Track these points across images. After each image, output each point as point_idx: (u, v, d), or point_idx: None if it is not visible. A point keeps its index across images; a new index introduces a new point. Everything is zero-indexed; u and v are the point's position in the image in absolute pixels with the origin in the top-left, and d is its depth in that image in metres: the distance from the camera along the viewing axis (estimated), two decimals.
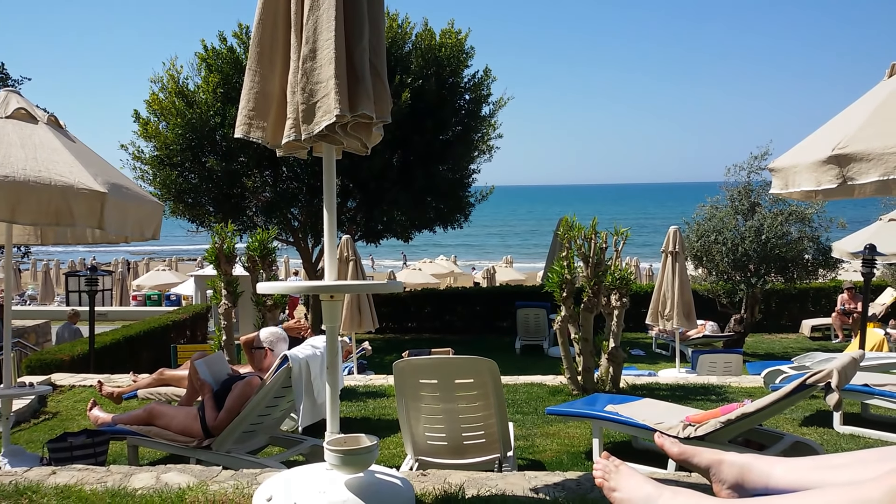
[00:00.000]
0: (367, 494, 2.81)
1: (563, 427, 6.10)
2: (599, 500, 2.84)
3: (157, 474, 3.60)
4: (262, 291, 3.13)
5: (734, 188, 14.50)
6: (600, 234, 7.60)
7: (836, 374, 3.86)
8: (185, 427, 4.73)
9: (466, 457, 4.27)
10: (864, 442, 5.69)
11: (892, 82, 4.61)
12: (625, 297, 7.83)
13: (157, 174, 14.85)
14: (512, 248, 61.01)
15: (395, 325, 18.62)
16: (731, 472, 2.05)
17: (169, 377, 6.64)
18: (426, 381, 4.15)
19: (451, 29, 15.46)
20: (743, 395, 7.28)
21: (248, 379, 4.74)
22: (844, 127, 4.44)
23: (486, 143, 16.79)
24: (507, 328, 16.83)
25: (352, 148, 3.09)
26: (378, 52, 2.93)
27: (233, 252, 7.72)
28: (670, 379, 8.99)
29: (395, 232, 16.44)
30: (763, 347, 15.29)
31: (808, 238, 13.87)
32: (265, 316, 7.61)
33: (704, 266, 14.49)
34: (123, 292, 26.11)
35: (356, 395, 7.71)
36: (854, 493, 1.64)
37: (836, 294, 16.47)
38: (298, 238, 16.01)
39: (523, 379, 8.32)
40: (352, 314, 10.59)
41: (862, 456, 1.94)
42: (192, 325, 15.86)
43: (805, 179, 4.49)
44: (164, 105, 14.36)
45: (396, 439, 5.60)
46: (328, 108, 2.72)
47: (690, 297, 11.29)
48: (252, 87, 3.01)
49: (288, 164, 14.62)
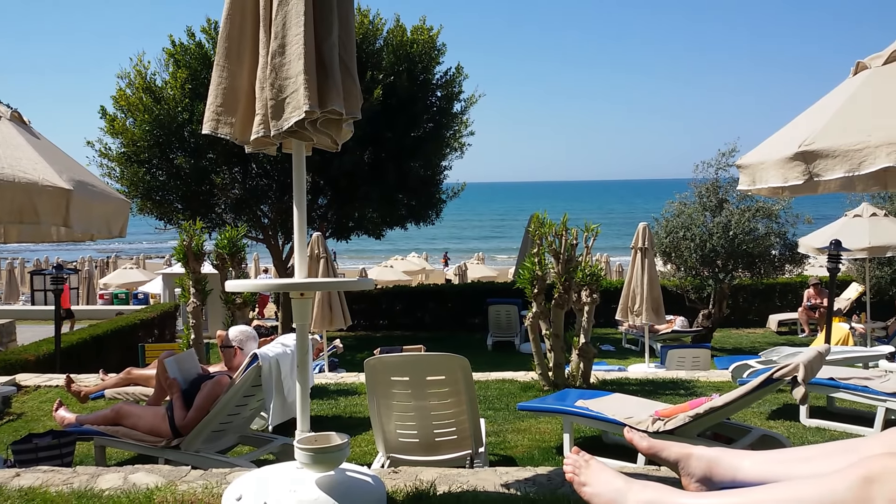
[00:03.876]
0: (337, 492, 2.79)
1: (534, 423, 6.12)
2: (570, 494, 2.86)
3: (125, 475, 3.55)
4: (231, 289, 3.11)
5: (702, 185, 14.66)
6: (571, 231, 7.64)
7: (802, 368, 3.91)
8: (153, 427, 4.68)
9: (438, 453, 4.28)
10: (830, 434, 5.79)
11: (857, 80, 4.68)
12: (595, 293, 7.88)
13: (124, 171, 14.65)
14: (484, 244, 61.13)
15: (367, 323, 18.56)
16: (699, 466, 2.07)
17: (137, 376, 6.55)
18: (398, 379, 4.14)
19: (422, 25, 15.45)
20: (711, 389, 7.36)
21: (218, 378, 4.70)
22: (811, 124, 4.51)
23: (458, 140, 16.80)
24: (479, 325, 16.87)
25: (322, 144, 3.07)
26: (348, 47, 2.91)
27: (201, 250, 7.64)
28: (640, 374, 9.08)
29: (366, 229, 16.40)
30: (731, 342, 15.49)
31: (775, 234, 14.07)
32: (235, 314, 7.54)
33: (673, 262, 14.63)
34: (90, 291, 25.72)
35: (327, 393, 7.68)
36: (820, 484, 1.66)
37: (803, 289, 16.72)
38: (269, 235, 15.90)
39: (495, 375, 8.34)
40: (323, 312, 10.53)
41: (828, 448, 1.97)
42: (161, 324, 15.68)
43: (772, 176, 4.55)
44: (132, 101, 14.17)
45: (368, 437, 5.59)
46: (297, 104, 2.70)
47: (659, 292, 11.39)
48: (220, 83, 2.98)
49: (257, 160, 14.51)
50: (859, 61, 4.83)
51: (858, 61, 4.84)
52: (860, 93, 4.49)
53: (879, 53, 4.72)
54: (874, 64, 4.71)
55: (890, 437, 1.86)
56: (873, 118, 4.19)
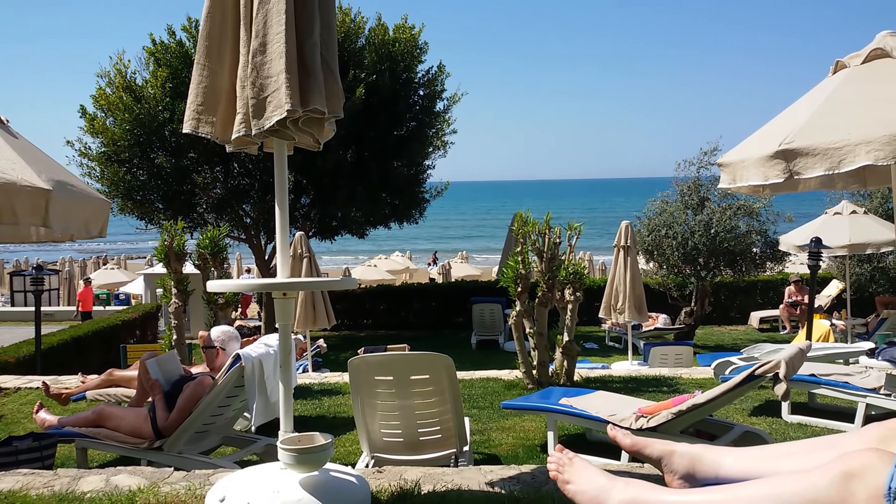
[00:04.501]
0: (321, 493, 2.78)
1: (518, 421, 6.13)
2: (554, 492, 2.86)
3: (107, 477, 3.52)
4: (213, 290, 3.08)
5: (684, 183, 14.74)
6: (554, 230, 7.66)
7: (783, 364, 3.94)
8: (135, 428, 4.64)
9: (422, 453, 4.27)
10: (812, 430, 5.84)
11: (837, 79, 4.73)
12: (578, 291, 7.91)
13: (104, 171, 14.51)
14: (467, 243, 61.15)
15: (351, 322, 18.52)
16: (682, 463, 2.08)
17: (118, 378, 6.49)
18: (382, 378, 4.13)
19: (404, 24, 15.42)
20: (694, 386, 7.41)
21: (200, 379, 4.67)
22: (791, 123, 4.55)
23: (441, 138, 16.79)
24: (463, 324, 16.87)
25: (304, 143, 3.06)
26: (329, 46, 2.90)
27: (183, 250, 7.60)
28: (623, 371, 9.12)
29: (350, 228, 16.35)
30: (713, 339, 15.58)
31: (756, 232, 14.18)
32: (217, 315, 7.50)
33: (655, 260, 14.70)
34: (70, 292, 25.49)
35: (311, 393, 7.65)
36: (801, 480, 1.68)
37: (784, 286, 16.85)
38: (251, 235, 15.81)
39: (479, 374, 8.35)
40: (306, 311, 10.50)
41: (809, 444, 1.99)
42: (142, 325, 15.56)
43: (753, 174, 4.58)
44: (112, 100, 14.04)
45: (352, 437, 5.58)
46: (279, 103, 2.68)
47: (642, 290, 11.45)
48: (201, 82, 2.96)
49: (239, 159, 14.42)
50: (838, 60, 4.88)
51: (838, 60, 4.89)
52: (839, 91, 4.53)
53: (858, 52, 4.77)
54: (853, 63, 4.76)
55: (870, 432, 1.87)
56: (852, 116, 4.24)
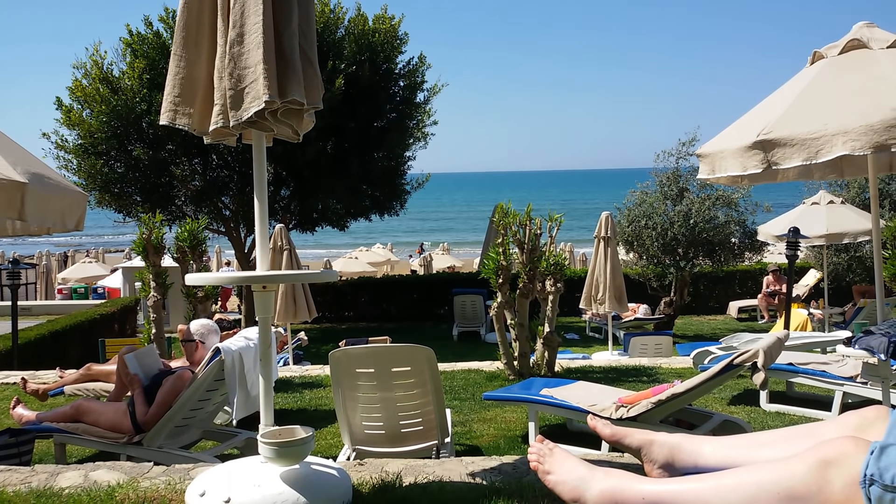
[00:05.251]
0: (302, 486, 2.77)
1: (499, 412, 6.15)
2: (535, 482, 2.87)
3: (86, 472, 3.49)
4: (191, 283, 3.06)
5: (663, 174, 14.82)
6: (535, 221, 7.68)
7: (762, 353, 3.98)
8: (114, 423, 4.60)
9: (404, 445, 4.27)
10: (790, 419, 5.91)
11: (814, 69, 4.76)
12: (559, 282, 7.94)
13: (81, 163, 14.34)
14: (448, 234, 61.16)
15: (332, 315, 18.47)
16: (661, 452, 2.09)
17: (97, 372, 6.44)
18: (363, 371, 4.12)
19: (384, 14, 15.34)
20: (673, 375, 7.47)
21: (180, 373, 4.64)
22: (768, 113, 4.58)
23: (422, 130, 16.75)
24: (445, 315, 16.88)
25: (283, 135, 3.03)
26: (308, 36, 2.88)
27: (161, 243, 7.54)
28: (603, 361, 9.18)
29: (330, 220, 16.29)
30: (692, 329, 15.71)
31: (735, 222, 14.29)
32: (196, 308, 7.46)
33: (635, 250, 14.78)
34: (48, 286, 25.22)
35: (292, 386, 7.63)
36: (779, 468, 1.69)
37: (762, 276, 17.01)
38: (230, 227, 15.71)
39: (461, 365, 8.36)
40: (287, 304, 10.46)
41: (787, 433, 2.01)
42: (121, 319, 15.41)
43: (731, 165, 4.61)
44: (88, 92, 13.86)
45: (333, 429, 5.57)
46: (257, 94, 2.66)
47: (622, 281, 11.51)
48: (178, 73, 2.92)
49: (218, 151, 14.31)
50: (816, 51, 4.91)
51: (815, 51, 4.92)
52: (817, 82, 4.56)
53: (835, 43, 4.80)
54: (830, 54, 4.79)
55: (847, 420, 1.90)
56: (829, 107, 4.27)
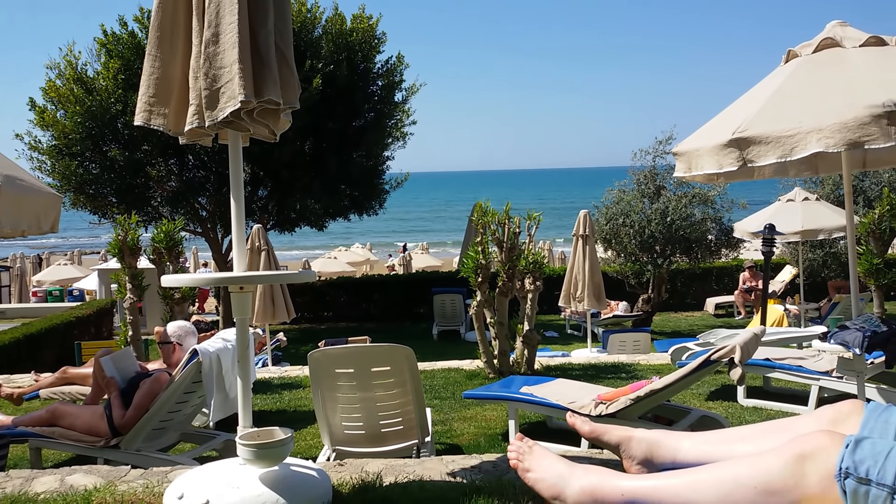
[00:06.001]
0: (282, 488, 2.76)
1: (480, 410, 6.16)
2: (515, 480, 2.88)
3: (62, 476, 3.44)
4: (167, 284, 3.03)
5: (640, 172, 14.91)
6: (514, 219, 7.69)
7: (738, 349, 4.01)
8: (91, 426, 4.55)
9: (385, 444, 4.26)
10: (767, 413, 5.96)
11: (789, 68, 4.81)
12: (538, 280, 7.96)
13: (55, 165, 14.19)
14: (428, 233, 61.14)
15: (312, 315, 18.40)
16: (639, 448, 2.10)
17: (73, 375, 6.38)
18: (342, 371, 4.11)
19: (361, 14, 15.31)
20: (651, 372, 7.52)
21: (157, 375, 4.60)
22: (744, 111, 4.62)
23: (400, 129, 16.73)
24: (424, 314, 16.88)
25: (259, 135, 3.02)
26: (284, 35, 2.86)
27: (137, 244, 7.47)
28: (582, 359, 9.22)
29: (309, 220, 16.23)
30: (670, 325, 15.82)
31: (711, 219, 14.42)
32: (173, 310, 7.40)
33: (613, 248, 14.86)
34: (22, 288, 24.90)
35: (271, 387, 7.59)
36: (756, 463, 1.71)
37: (739, 273, 17.16)
38: (207, 228, 15.61)
39: (441, 364, 8.36)
40: (265, 305, 10.40)
41: (764, 428, 2.03)
42: (97, 321, 15.25)
43: (707, 162, 4.65)
44: (62, 92, 13.71)
45: (313, 430, 5.54)
46: (232, 94, 2.64)
47: (601, 278, 11.56)
48: (152, 73, 2.89)
49: (194, 152, 14.21)
50: (790, 49, 4.97)
51: (790, 49, 4.97)
52: (791, 80, 4.61)
53: (809, 42, 4.86)
54: (804, 52, 4.85)
55: (823, 414, 1.92)
56: (804, 105, 4.31)
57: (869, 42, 4.64)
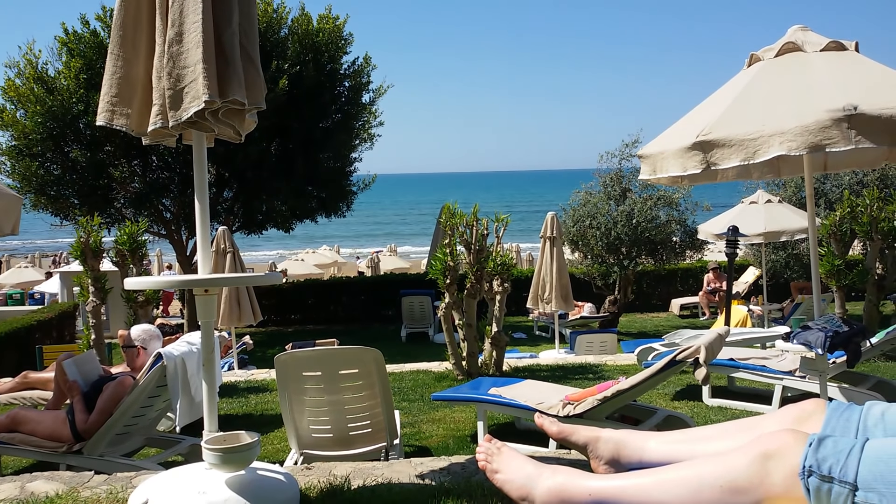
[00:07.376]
0: (248, 492, 2.73)
1: (448, 412, 6.16)
2: (484, 482, 2.88)
3: (22, 484, 3.37)
4: (131, 287, 2.98)
5: (606, 174, 15.05)
6: (482, 221, 7.71)
7: (703, 349, 4.06)
8: (53, 432, 4.47)
9: (353, 447, 4.24)
10: (731, 413, 6.04)
11: (752, 72, 4.88)
12: (506, 282, 7.99)
13: (15, 166, 13.93)
14: (395, 235, 61.03)
15: (279, 318, 18.25)
16: (607, 449, 2.12)
17: (34, 380, 6.27)
18: (310, 374, 4.08)
19: (328, 14, 15.24)
20: (618, 372, 7.57)
21: (120, 379, 4.53)
22: (707, 115, 4.68)
23: (368, 131, 16.68)
24: (393, 316, 16.83)
25: (224, 135, 2.98)
26: (249, 35, 2.83)
27: (100, 246, 7.36)
28: (550, 360, 9.27)
29: (275, 222, 16.11)
30: (636, 326, 15.96)
31: (676, 221, 14.59)
32: (137, 313, 7.30)
33: (580, 250, 14.97)
34: None
35: (237, 391, 7.52)
36: (721, 462, 1.73)
37: (703, 274, 17.36)
38: (171, 230, 15.42)
39: (409, 366, 8.35)
40: (231, 307, 10.29)
41: (728, 427, 2.05)
42: (59, 325, 14.96)
43: (672, 165, 4.69)
44: (22, 92, 13.45)
45: (280, 434, 5.50)
46: (196, 94, 2.61)
47: (568, 280, 11.63)
48: (115, 73, 2.85)
49: (158, 153, 14.03)
50: (753, 53, 5.04)
51: (752, 53, 5.05)
52: (754, 84, 4.68)
53: (771, 46, 4.93)
54: (766, 56, 4.92)
55: (786, 413, 1.94)
56: (766, 109, 4.38)
57: (829, 47, 4.73)
